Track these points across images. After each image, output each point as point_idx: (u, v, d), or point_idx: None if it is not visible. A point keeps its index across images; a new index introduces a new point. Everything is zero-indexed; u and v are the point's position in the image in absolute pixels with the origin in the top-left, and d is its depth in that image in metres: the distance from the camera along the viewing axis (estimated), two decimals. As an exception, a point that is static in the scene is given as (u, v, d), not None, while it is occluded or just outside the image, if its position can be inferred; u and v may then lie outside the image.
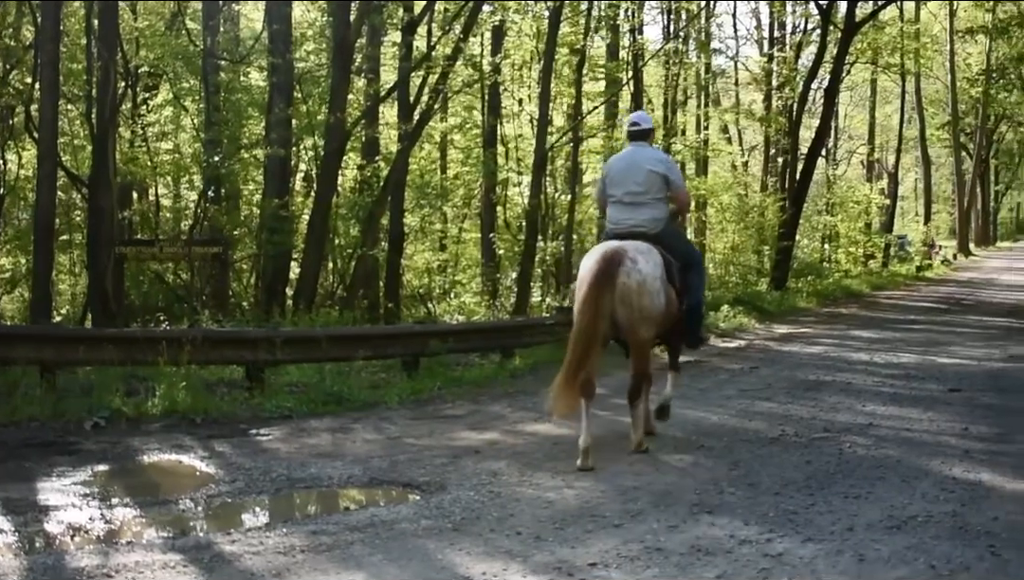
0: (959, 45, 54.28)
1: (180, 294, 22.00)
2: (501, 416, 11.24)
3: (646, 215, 9.39)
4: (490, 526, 6.72)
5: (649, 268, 8.84)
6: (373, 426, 10.55)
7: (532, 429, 10.41)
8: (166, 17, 24.98)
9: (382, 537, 6.50)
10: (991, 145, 66.41)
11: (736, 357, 16.99)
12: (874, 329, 21.40)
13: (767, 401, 12.07)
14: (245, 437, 10.00)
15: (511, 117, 31.18)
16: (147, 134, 24.53)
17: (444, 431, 10.27)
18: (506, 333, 16.25)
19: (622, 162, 9.68)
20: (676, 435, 9.86)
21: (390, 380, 13.45)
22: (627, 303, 8.76)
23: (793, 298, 27.95)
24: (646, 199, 9.42)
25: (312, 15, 26.52)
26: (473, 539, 6.43)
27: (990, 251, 66.70)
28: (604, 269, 8.72)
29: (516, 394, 12.83)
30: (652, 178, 9.42)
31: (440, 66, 21.99)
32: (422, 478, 8.14)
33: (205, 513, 7.48)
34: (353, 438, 9.93)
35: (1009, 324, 22.69)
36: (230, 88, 23.51)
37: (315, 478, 8.28)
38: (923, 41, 43.37)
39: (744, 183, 39.19)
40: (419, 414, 11.32)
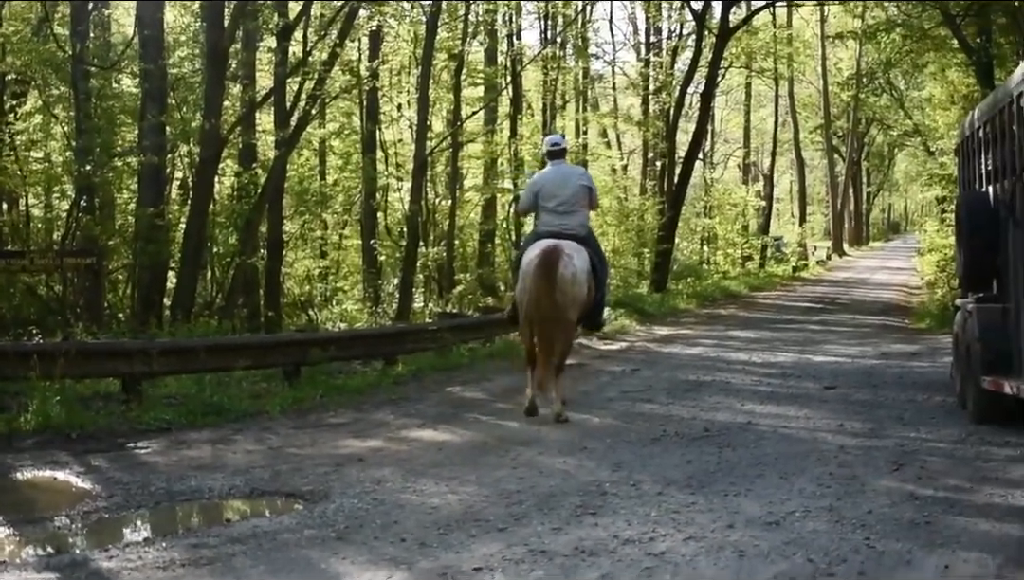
0: (830, 50, 55.56)
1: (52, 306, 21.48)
2: (384, 423, 11.24)
3: (576, 221, 11.45)
4: (374, 534, 6.73)
5: (580, 263, 10.94)
6: (254, 436, 10.46)
7: (416, 435, 10.44)
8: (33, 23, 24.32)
9: (264, 548, 6.47)
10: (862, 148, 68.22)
11: (618, 359, 17.21)
12: (752, 329, 21.88)
13: (648, 402, 12.28)
14: (122, 451, 9.83)
15: (390, 122, 31.13)
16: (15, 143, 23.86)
17: (327, 440, 10.23)
18: (388, 340, 16.21)
19: (554, 176, 11.69)
20: (559, 438, 9.96)
21: (271, 390, 13.32)
22: (563, 290, 10.75)
23: (673, 300, 28.39)
24: (575, 208, 11.49)
25: (185, 20, 26.12)
26: (357, 547, 6.43)
27: (863, 251, 68.62)
28: (546, 261, 10.78)
29: (399, 401, 12.83)
30: (580, 191, 11.58)
31: (317, 71, 21.84)
32: (305, 487, 8.11)
33: (82, 530, 7.34)
34: (234, 449, 9.84)
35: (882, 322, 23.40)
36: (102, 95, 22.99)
37: (195, 490, 8.19)
38: (795, 46, 44.49)
39: (623, 187, 39.70)
40: (301, 423, 11.26)
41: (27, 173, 23.57)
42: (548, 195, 11.51)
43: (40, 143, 25.44)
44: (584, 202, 11.62)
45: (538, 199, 11.60)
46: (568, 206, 11.44)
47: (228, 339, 15.13)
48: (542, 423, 10.75)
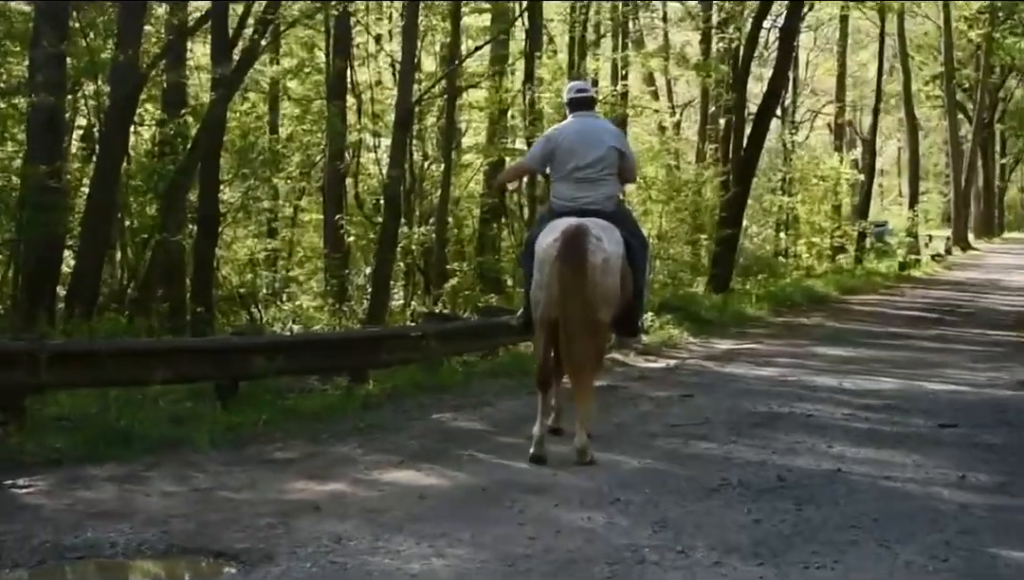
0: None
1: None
2: (349, 460, 11.20)
3: (601, 192, 11.16)
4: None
5: (612, 246, 10.68)
6: (174, 474, 10.42)
7: (391, 478, 10.39)
8: None
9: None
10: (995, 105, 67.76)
11: (663, 381, 17.19)
12: (844, 345, 21.83)
13: (704, 440, 12.21)
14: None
15: (365, 59, 31.15)
16: None
17: (272, 481, 10.18)
18: (357, 348, 16.21)
19: (577, 133, 11.31)
20: (582, 485, 9.89)
21: (199, 412, 13.25)
22: (593, 282, 10.51)
23: (739, 303, 28.36)
24: (602, 175, 11.19)
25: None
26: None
27: (994, 243, 68.36)
28: (569, 246, 10.49)
29: (370, 430, 12.78)
30: (611, 155, 11.23)
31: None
32: (240, 544, 8.06)
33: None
34: (147, 490, 9.80)
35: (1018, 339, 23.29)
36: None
37: (93, 545, 8.14)
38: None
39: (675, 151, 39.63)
40: (238, 458, 11.23)
41: None
42: (566, 157, 11.22)
43: None
44: (614, 170, 11.34)
45: (553, 161, 11.38)
46: (594, 173, 11.17)
47: (143, 342, 15.16)
48: (560, 465, 10.70)
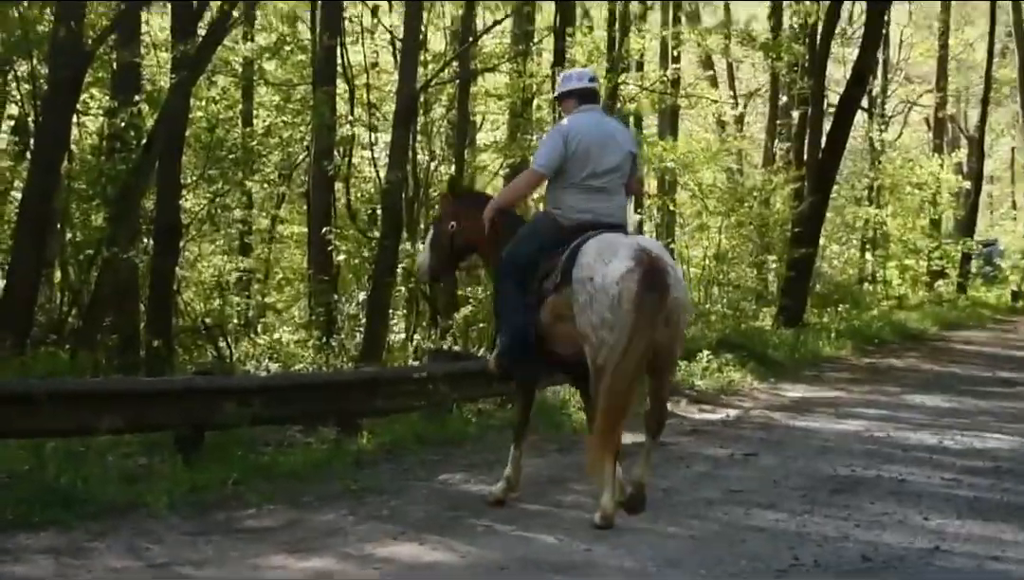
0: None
1: None
2: (338, 530, 11.23)
3: (617, 203, 11.49)
4: None
5: (680, 273, 11.09)
6: (126, 546, 10.46)
7: (388, 553, 10.42)
8: None
9: None
10: None
11: (721, 437, 17.20)
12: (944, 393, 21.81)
13: (770, 510, 12.21)
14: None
15: (359, 36, 31.22)
16: None
17: (243, 555, 10.23)
18: (349, 392, 16.24)
19: (594, 133, 11.32)
20: (623, 564, 9.92)
21: (155, 468, 13.34)
22: (673, 321, 10.71)
23: (814, 341, 28.31)
24: (619, 185, 11.46)
25: None
26: None
27: None
28: (656, 277, 10.39)
29: (363, 494, 12.82)
30: (627, 160, 11.48)
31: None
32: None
33: None
34: (91, 566, 9.85)
35: None
36: None
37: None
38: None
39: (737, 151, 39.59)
40: (202, 525, 11.27)
41: None
42: (581, 161, 11.23)
43: None
44: (624, 177, 11.58)
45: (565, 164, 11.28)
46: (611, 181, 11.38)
47: (88, 383, 15.17)
48: (595, 538, 10.73)
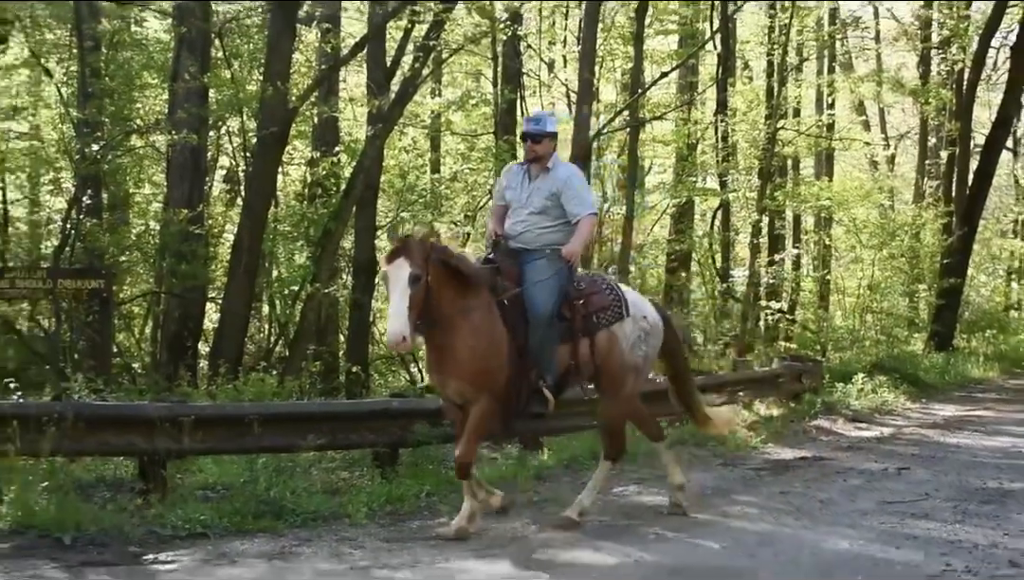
0: None
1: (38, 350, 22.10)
2: (521, 538, 11.26)
3: None
4: None
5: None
6: (329, 551, 10.56)
7: (568, 558, 10.44)
8: (21, -64, 25.20)
9: None
10: None
11: (876, 452, 17.03)
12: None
13: (923, 519, 12.07)
14: (137, 565, 10.04)
15: (537, 89, 31.31)
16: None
17: (435, 559, 10.29)
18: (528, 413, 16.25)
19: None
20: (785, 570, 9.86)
21: (355, 482, 13.43)
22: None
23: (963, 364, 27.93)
24: None
25: (240, -65, 26.81)
26: None
27: None
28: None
29: (544, 504, 12.83)
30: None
31: (431, 11, 22.11)
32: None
33: None
34: (299, 569, 9.95)
35: None
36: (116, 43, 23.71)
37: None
38: None
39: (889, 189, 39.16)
40: (398, 533, 11.35)
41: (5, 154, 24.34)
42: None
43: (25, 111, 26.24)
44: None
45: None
46: None
47: (293, 406, 15.32)
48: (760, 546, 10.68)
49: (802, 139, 33.41)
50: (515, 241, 11.24)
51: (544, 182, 11.21)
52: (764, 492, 13.67)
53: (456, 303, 10.54)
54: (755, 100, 31.83)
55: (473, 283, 10.73)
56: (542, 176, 11.23)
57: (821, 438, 18.50)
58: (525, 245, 11.16)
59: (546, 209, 11.12)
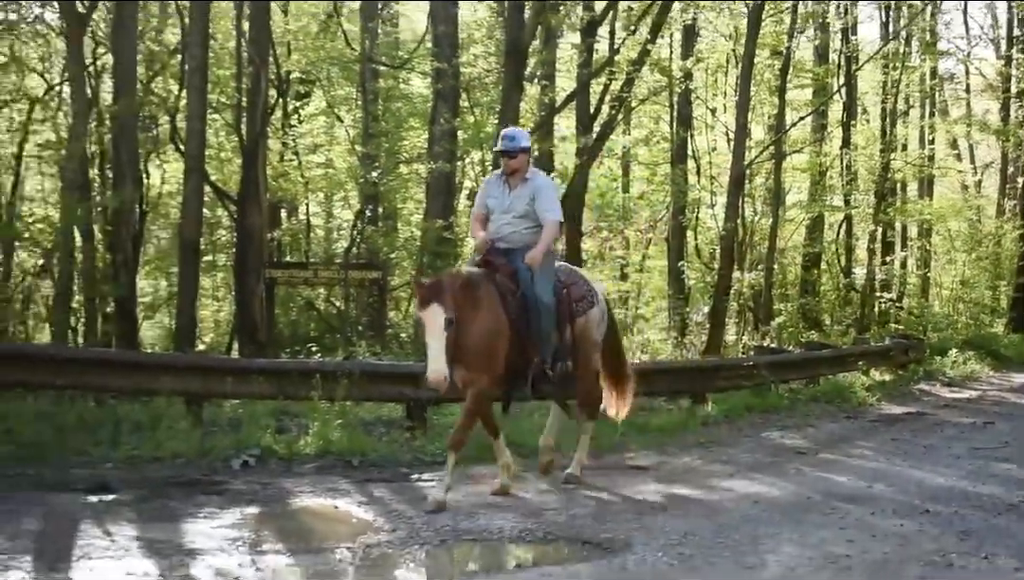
0: None
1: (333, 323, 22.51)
2: (692, 469, 11.22)
3: None
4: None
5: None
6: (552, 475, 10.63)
7: (727, 485, 10.37)
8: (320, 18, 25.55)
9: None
10: None
11: (966, 410, 16.70)
12: None
13: (1004, 462, 11.77)
14: (406, 482, 10.22)
15: (703, 129, 31.04)
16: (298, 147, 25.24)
17: (627, 483, 10.30)
18: (698, 375, 16.20)
19: None
20: (896, 497, 9.68)
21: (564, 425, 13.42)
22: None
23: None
24: None
25: (480, 15, 26.93)
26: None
27: None
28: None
29: (709, 444, 12.80)
30: None
31: (624, 71, 22.04)
32: (603, 535, 8.18)
33: (363, 564, 7.62)
34: (525, 488, 10.02)
35: None
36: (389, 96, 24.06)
37: (484, 530, 8.38)
38: None
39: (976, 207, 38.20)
40: (599, 463, 11.36)
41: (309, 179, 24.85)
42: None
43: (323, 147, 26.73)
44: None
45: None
46: None
47: (520, 367, 15.41)
48: (875, 479, 10.52)
49: (908, 168, 32.80)
50: (503, 242, 10.01)
51: (524, 189, 10.01)
52: (878, 439, 13.46)
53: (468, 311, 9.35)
54: (872, 137, 31.36)
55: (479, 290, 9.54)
56: (521, 185, 10.03)
57: (923, 398, 18.18)
58: (512, 245, 9.96)
59: (528, 213, 9.97)
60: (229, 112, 22.18)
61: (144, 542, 7.85)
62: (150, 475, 10.07)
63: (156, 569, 7.19)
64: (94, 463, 10.41)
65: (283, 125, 24.24)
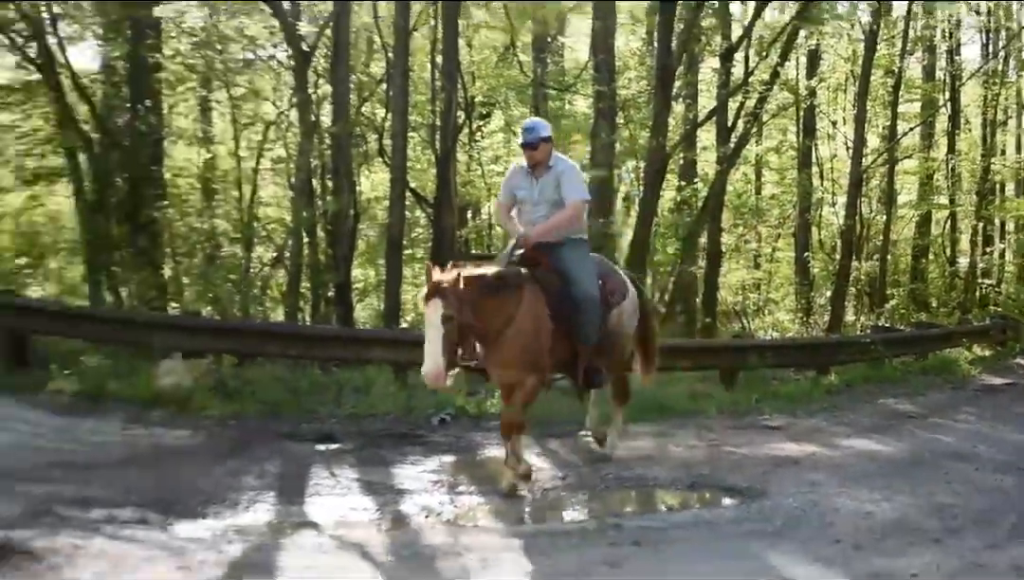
0: None
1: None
2: (818, 430, 11.13)
3: None
4: (810, 533, 6.73)
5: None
6: (694, 434, 10.65)
7: (849, 443, 10.28)
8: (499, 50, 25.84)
9: (706, 536, 6.65)
10: None
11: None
12: None
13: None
14: (574, 438, 10.33)
15: (825, 139, 30.47)
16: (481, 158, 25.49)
17: (762, 441, 10.27)
18: (822, 350, 16.02)
19: None
20: (997, 457, 9.47)
21: (708, 391, 13.42)
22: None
23: None
24: None
25: (634, 44, 26.81)
26: (793, 544, 6.47)
27: None
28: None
29: (832, 409, 12.65)
30: None
31: (757, 91, 21.84)
32: (742, 484, 8.20)
33: (540, 503, 7.80)
34: (675, 443, 10.07)
35: None
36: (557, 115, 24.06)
37: (641, 478, 8.48)
38: None
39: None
40: (737, 424, 11.35)
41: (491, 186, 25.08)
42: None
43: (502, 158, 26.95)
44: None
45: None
46: None
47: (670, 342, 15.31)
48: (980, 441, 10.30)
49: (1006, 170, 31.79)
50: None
51: (549, 177, 8.35)
52: (980, 406, 13.16)
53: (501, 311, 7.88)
54: (973, 144, 30.52)
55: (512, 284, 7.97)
56: (545, 173, 8.37)
57: (1019, 371, 17.67)
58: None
59: (558, 200, 8.37)
60: (425, 130, 22.43)
61: (362, 483, 8.13)
62: (366, 428, 10.35)
63: (373, 504, 7.44)
64: (321, 419, 10.73)
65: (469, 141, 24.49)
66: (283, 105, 21.96)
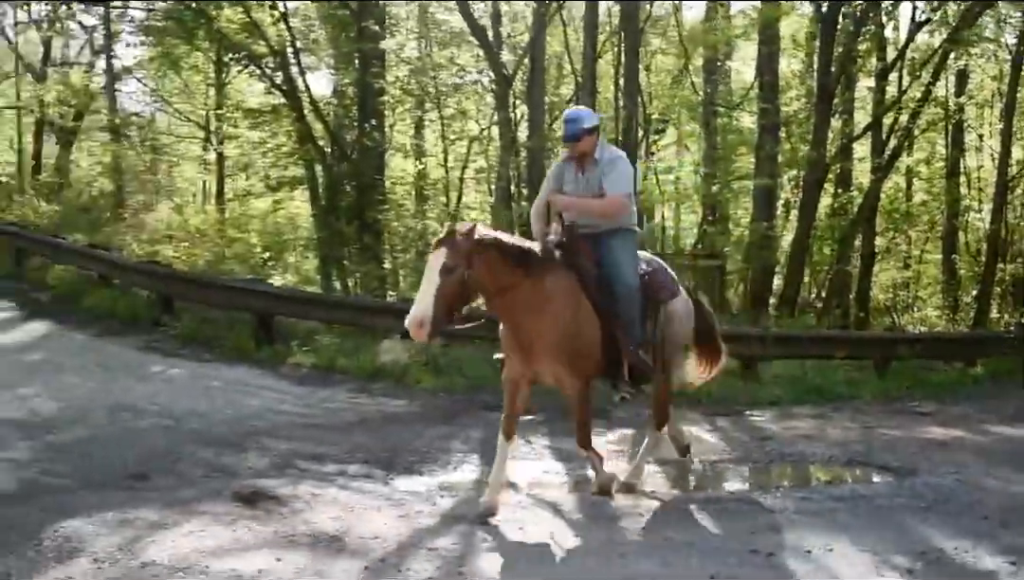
0: None
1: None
2: (965, 416, 10.67)
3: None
4: (958, 509, 6.49)
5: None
6: (849, 416, 10.37)
7: (995, 430, 9.85)
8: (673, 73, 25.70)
9: (862, 508, 6.47)
10: None
11: None
12: None
13: None
14: (741, 417, 10.21)
15: (972, 150, 29.12)
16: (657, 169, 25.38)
17: (913, 425, 9.93)
18: (969, 344, 15.40)
19: None
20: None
21: (862, 378, 13.06)
22: None
23: None
24: None
25: (796, 66, 26.21)
26: (943, 519, 6.25)
27: None
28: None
29: (979, 398, 12.11)
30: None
31: (909, 108, 21.10)
32: (894, 463, 7.96)
33: (712, 474, 7.76)
34: (832, 425, 9.84)
35: None
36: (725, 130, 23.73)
37: (801, 455, 8.33)
38: None
39: None
40: (889, 409, 11.00)
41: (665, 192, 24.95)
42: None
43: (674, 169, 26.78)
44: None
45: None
46: None
47: (828, 332, 15.05)
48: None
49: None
50: (586, 227, 6.69)
51: (596, 169, 6.72)
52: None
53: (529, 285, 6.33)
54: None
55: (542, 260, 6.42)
56: (592, 166, 6.74)
57: None
58: (595, 228, 6.71)
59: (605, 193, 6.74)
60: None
61: (553, 450, 8.23)
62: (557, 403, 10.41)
63: (563, 469, 7.53)
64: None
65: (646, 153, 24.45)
66: (485, 123, 22.33)
